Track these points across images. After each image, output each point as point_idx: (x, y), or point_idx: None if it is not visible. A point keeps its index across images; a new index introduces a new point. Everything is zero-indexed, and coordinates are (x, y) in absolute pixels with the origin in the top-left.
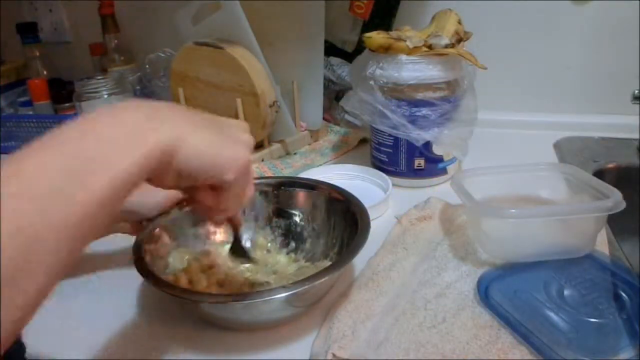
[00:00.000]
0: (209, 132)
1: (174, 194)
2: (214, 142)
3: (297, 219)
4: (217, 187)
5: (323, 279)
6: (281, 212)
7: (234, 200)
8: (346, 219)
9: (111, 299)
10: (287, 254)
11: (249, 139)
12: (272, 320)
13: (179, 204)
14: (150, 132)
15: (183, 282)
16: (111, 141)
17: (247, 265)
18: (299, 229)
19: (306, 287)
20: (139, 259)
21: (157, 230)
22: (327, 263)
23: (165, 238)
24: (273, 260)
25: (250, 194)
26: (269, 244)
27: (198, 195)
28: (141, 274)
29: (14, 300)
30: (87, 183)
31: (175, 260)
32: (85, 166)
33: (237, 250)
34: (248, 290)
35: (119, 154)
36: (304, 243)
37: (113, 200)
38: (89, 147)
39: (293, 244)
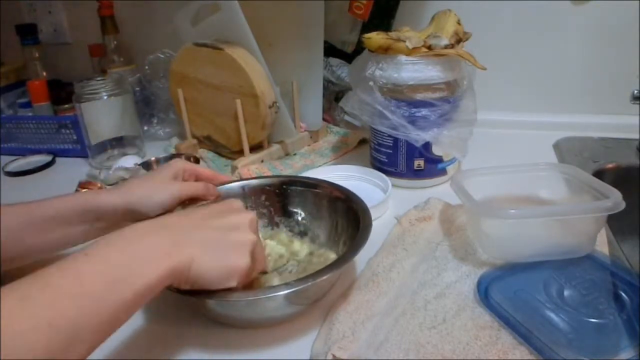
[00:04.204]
0: (216, 248)
1: (177, 193)
2: (219, 260)
3: (299, 217)
4: None
5: (326, 276)
6: (283, 211)
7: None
8: (348, 218)
9: None
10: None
11: (251, 238)
12: (275, 317)
13: (182, 203)
14: (171, 256)
15: None
16: (142, 260)
17: None
18: (301, 228)
19: (309, 284)
20: None
21: None
22: (333, 255)
23: None
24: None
25: (259, 268)
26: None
27: None
28: None
29: None
30: (120, 291)
31: None
32: (121, 277)
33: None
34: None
35: (147, 271)
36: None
37: (137, 304)
38: (125, 263)
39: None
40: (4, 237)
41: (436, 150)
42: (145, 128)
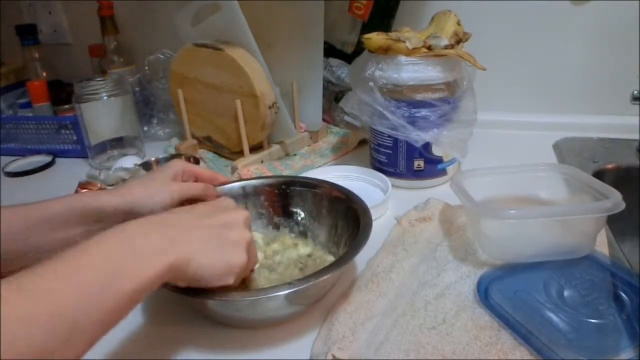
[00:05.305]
0: (214, 246)
1: (177, 194)
2: (217, 258)
3: (299, 217)
4: None
5: (326, 276)
6: (283, 211)
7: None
8: (348, 218)
9: None
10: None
11: (246, 236)
12: (275, 317)
13: (181, 204)
14: (170, 253)
15: None
16: (142, 256)
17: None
18: (301, 228)
19: (310, 284)
20: None
21: None
22: (331, 258)
23: None
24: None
25: (251, 266)
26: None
27: None
28: None
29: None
30: (120, 284)
31: None
32: (121, 271)
33: None
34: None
35: (146, 266)
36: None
37: (136, 299)
38: (124, 257)
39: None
40: (3, 239)
41: (436, 151)
42: (145, 128)
